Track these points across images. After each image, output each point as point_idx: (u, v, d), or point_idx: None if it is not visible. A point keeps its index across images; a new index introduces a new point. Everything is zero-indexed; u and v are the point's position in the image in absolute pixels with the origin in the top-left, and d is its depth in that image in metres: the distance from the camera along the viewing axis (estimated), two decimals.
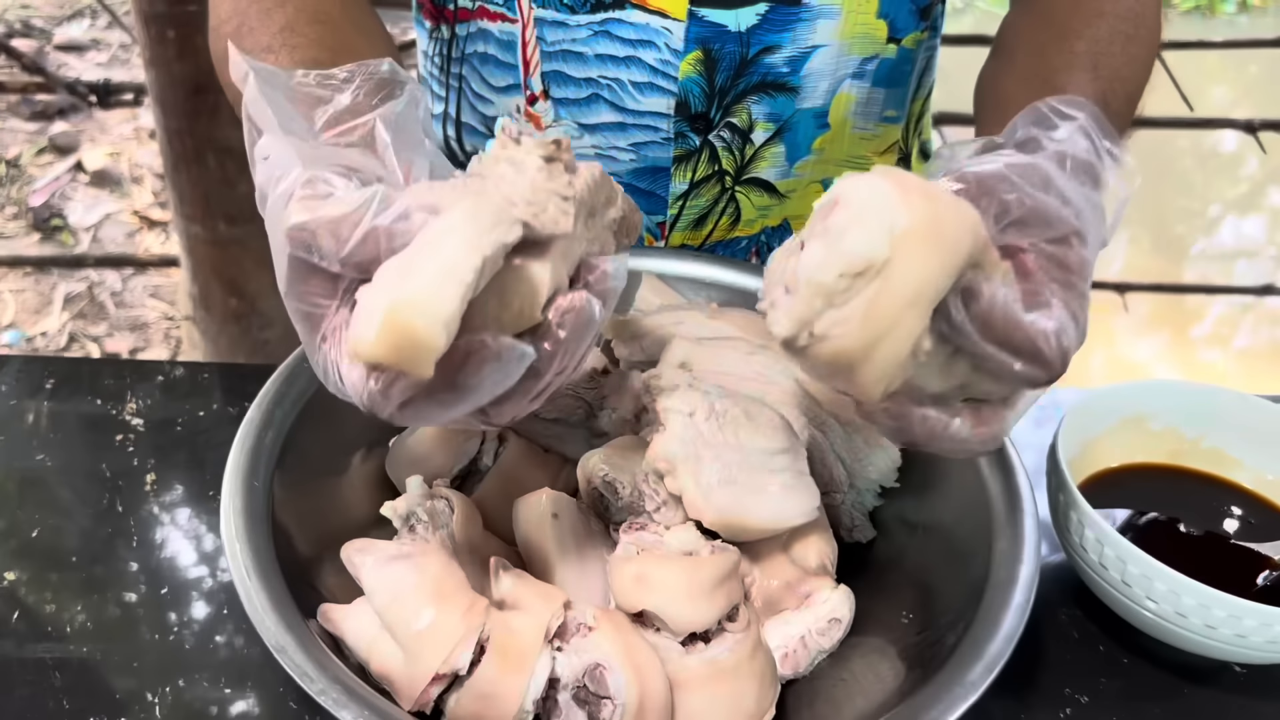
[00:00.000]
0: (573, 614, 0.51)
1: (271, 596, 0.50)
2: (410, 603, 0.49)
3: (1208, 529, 0.68)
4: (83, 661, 0.61)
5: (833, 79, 0.74)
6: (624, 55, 0.72)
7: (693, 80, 0.73)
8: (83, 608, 0.64)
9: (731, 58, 0.72)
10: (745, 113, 0.75)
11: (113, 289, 2.81)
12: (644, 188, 0.78)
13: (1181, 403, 0.71)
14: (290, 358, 0.61)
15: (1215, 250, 3.29)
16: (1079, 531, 0.62)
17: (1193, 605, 0.58)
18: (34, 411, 0.76)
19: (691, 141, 0.76)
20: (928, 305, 0.39)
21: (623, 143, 0.76)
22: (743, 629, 0.53)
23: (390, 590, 0.50)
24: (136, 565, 0.66)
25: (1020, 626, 0.51)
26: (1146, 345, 2.83)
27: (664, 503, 0.58)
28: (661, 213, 0.79)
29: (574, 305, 0.42)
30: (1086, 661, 0.65)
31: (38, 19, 3.78)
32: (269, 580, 0.51)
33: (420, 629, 0.49)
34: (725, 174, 0.78)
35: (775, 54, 0.72)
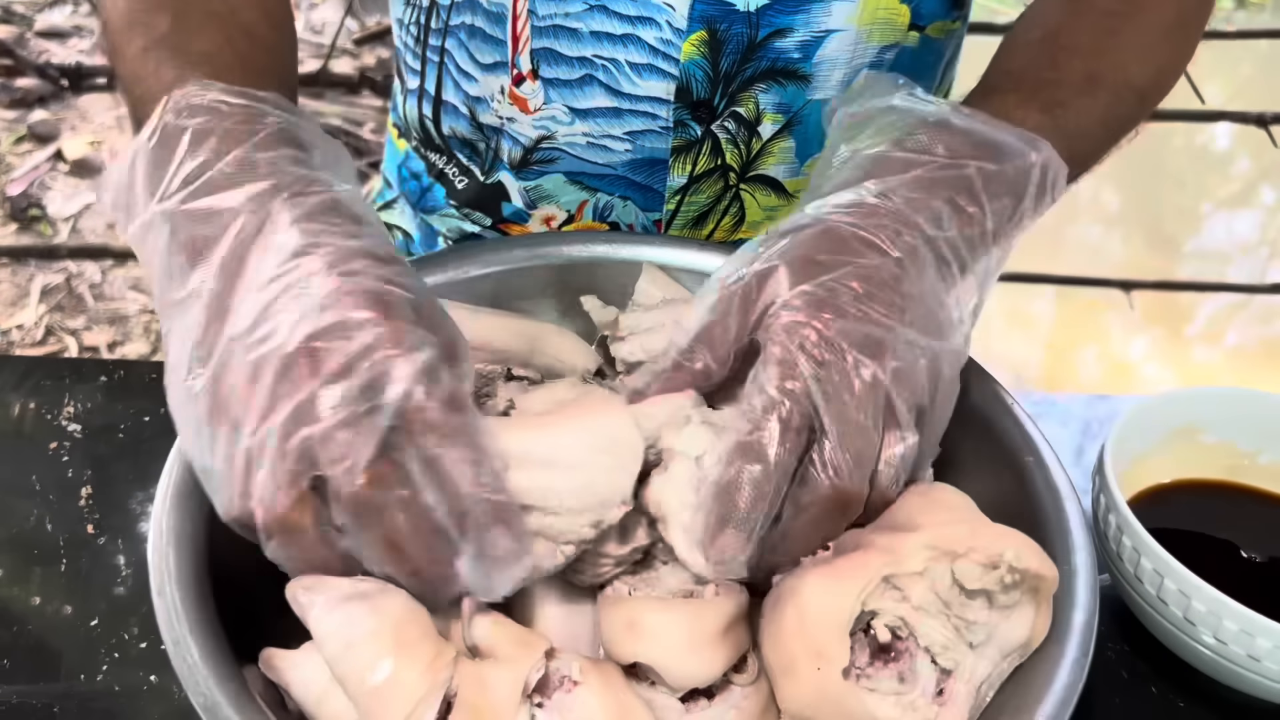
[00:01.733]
0: (555, 665, 0.43)
1: (206, 645, 0.42)
2: (366, 652, 0.41)
3: (1271, 554, 0.61)
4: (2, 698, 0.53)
5: (848, 68, 0.67)
6: (621, 33, 0.65)
7: (695, 63, 0.65)
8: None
9: (739, 40, 0.65)
10: (752, 102, 0.68)
11: (92, 281, 2.74)
12: (640, 181, 0.71)
13: (1235, 412, 0.64)
14: None
15: (1209, 248, 3.24)
16: (1133, 560, 0.55)
17: (1269, 648, 0.51)
18: None
19: (693, 131, 0.68)
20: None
21: (618, 130, 0.68)
22: (750, 682, 0.45)
23: (343, 637, 0.42)
24: (64, 590, 0.59)
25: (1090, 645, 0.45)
26: (1139, 343, 2.78)
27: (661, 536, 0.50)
28: (658, 209, 0.72)
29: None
30: (1138, 704, 0.58)
31: (19, 5, 3.70)
32: (204, 626, 0.43)
33: (376, 684, 0.41)
34: (729, 169, 0.71)
35: (786, 38, 0.65)
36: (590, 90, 0.67)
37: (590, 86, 0.67)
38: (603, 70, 0.66)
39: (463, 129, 0.74)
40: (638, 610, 0.44)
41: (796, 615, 0.43)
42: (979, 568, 0.43)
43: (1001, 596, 0.45)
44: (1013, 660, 0.45)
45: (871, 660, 0.44)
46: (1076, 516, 0.50)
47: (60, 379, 0.71)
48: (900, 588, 0.44)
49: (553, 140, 0.70)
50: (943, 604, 0.44)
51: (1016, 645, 0.45)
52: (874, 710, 0.42)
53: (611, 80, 0.67)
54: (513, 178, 0.73)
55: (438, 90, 0.74)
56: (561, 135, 0.69)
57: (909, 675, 0.44)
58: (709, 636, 0.43)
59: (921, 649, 0.44)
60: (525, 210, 0.74)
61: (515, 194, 0.74)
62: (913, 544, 0.44)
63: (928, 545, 0.44)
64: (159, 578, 0.44)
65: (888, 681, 0.43)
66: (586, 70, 0.67)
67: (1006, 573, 0.44)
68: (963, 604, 0.44)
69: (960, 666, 0.44)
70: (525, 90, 0.68)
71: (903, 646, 0.44)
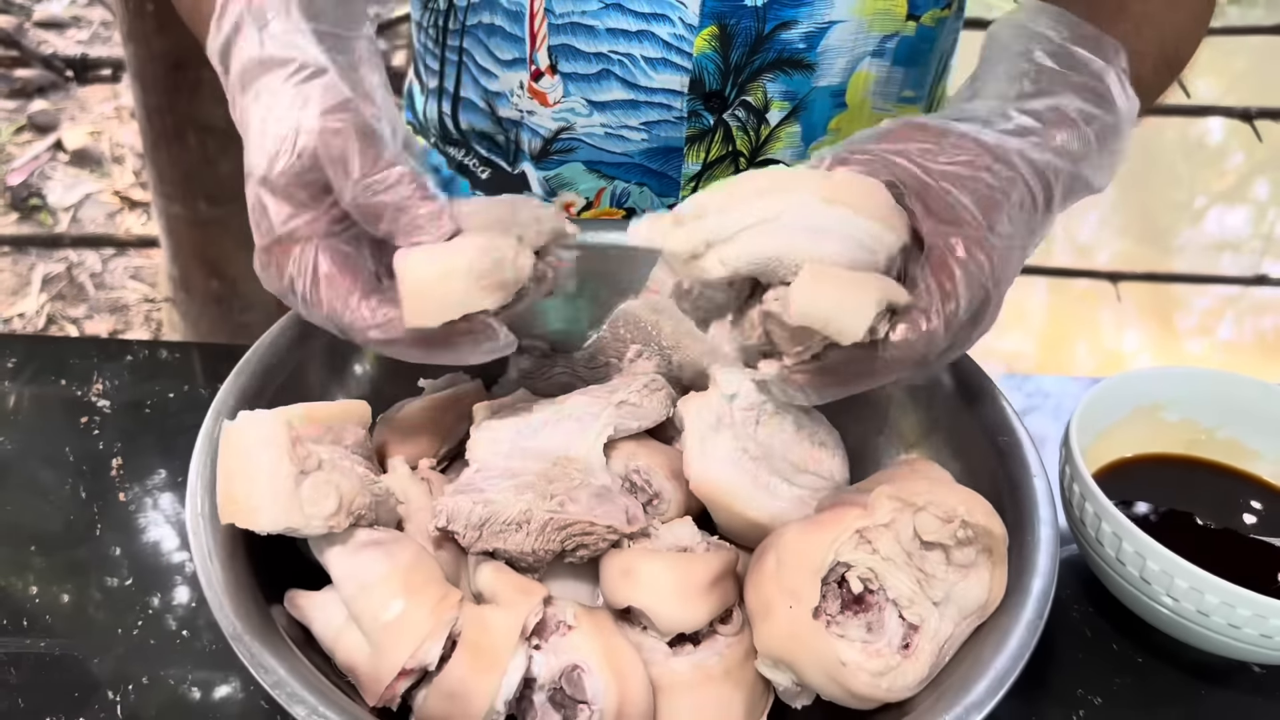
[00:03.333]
0: (553, 610, 0.47)
1: (233, 580, 0.47)
2: (379, 593, 0.46)
3: (1225, 523, 0.65)
4: (41, 655, 0.57)
5: (850, 56, 0.71)
6: (636, 29, 0.69)
7: (707, 57, 0.69)
8: (41, 600, 0.60)
9: (747, 33, 0.69)
10: (760, 91, 0.72)
11: (92, 270, 2.76)
12: (656, 168, 0.75)
13: (1197, 391, 0.68)
14: (267, 334, 0.57)
15: (1202, 242, 3.28)
16: (1095, 525, 0.59)
17: (1216, 604, 0.55)
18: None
19: (705, 121, 0.72)
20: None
21: (634, 121, 0.72)
22: (735, 633, 0.50)
23: (358, 579, 0.47)
24: (102, 552, 0.63)
25: (1033, 642, 0.48)
26: (1132, 336, 2.82)
27: (655, 496, 0.55)
28: (674, 194, 0.76)
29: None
30: (1100, 661, 0.62)
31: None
32: (233, 562, 0.48)
33: (388, 621, 0.46)
34: (740, 155, 0.75)
35: (792, 29, 0.69)
36: (607, 84, 0.71)
37: (607, 80, 0.71)
38: (619, 65, 0.70)
39: (481, 124, 0.78)
40: (633, 559, 0.48)
41: (775, 561, 0.48)
42: (936, 520, 0.48)
43: (957, 552, 0.49)
44: (971, 622, 0.49)
45: (843, 609, 0.48)
46: (1044, 494, 0.53)
47: (89, 359, 0.75)
48: (870, 540, 0.48)
49: (571, 131, 0.74)
50: (906, 555, 0.48)
51: (975, 607, 0.49)
52: (841, 653, 0.46)
53: (627, 74, 0.70)
54: (533, 167, 0.77)
55: (456, 87, 0.78)
56: (580, 126, 0.73)
57: (877, 626, 0.48)
58: (697, 587, 0.48)
59: (890, 602, 0.48)
60: (546, 198, 0.78)
61: (535, 183, 0.78)
62: (880, 495, 0.48)
63: (892, 496, 0.48)
64: (194, 521, 0.49)
65: (857, 630, 0.48)
66: (603, 65, 0.71)
67: (960, 527, 0.48)
68: (922, 556, 0.49)
69: (925, 624, 0.48)
70: (544, 85, 0.72)
71: (873, 600, 0.48)
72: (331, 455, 0.49)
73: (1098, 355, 2.65)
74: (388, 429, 0.57)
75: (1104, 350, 2.74)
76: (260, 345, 0.57)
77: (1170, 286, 2.88)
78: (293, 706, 0.42)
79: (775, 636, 0.47)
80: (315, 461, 0.47)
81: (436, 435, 0.58)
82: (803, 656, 0.46)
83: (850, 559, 0.48)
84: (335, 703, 0.43)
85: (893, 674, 0.47)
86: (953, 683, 0.47)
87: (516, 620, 0.46)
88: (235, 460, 0.46)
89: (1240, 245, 3.24)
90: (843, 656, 0.46)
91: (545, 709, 0.46)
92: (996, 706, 0.49)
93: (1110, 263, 2.89)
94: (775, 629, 0.47)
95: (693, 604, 0.48)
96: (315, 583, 0.50)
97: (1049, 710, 0.59)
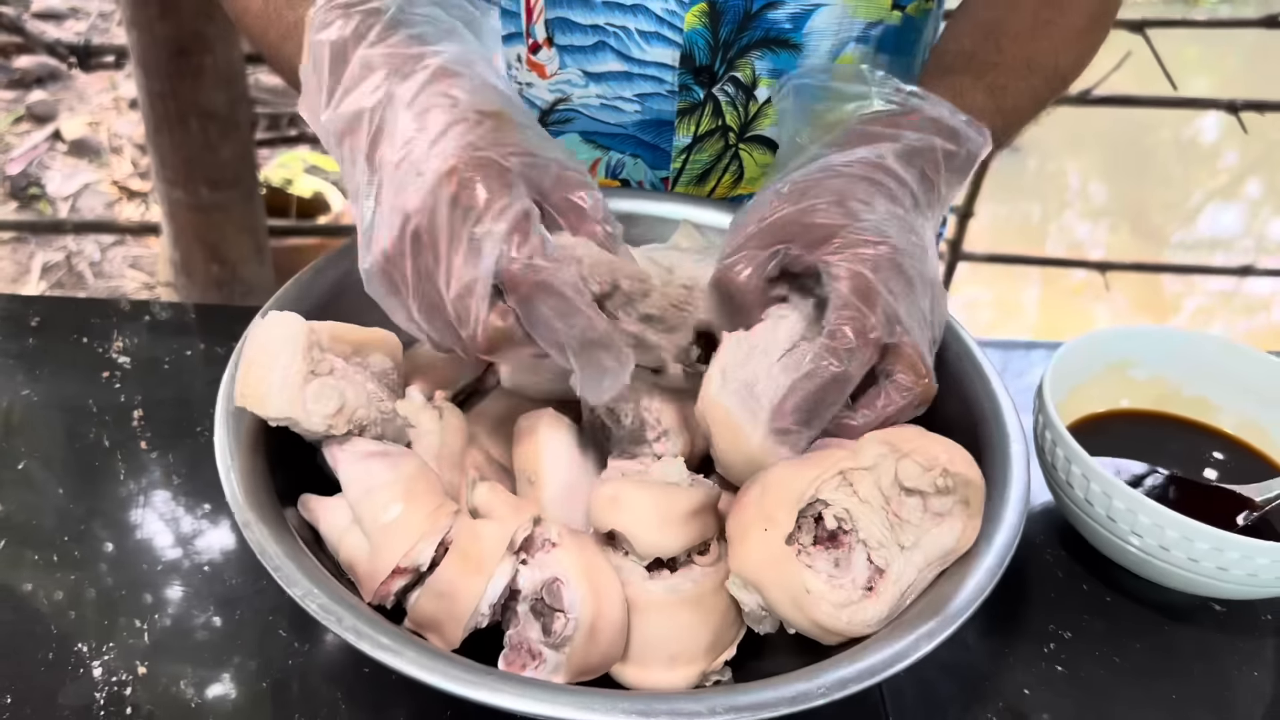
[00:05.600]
0: (540, 529, 0.51)
1: (249, 477, 0.51)
2: (381, 497, 0.50)
3: (1191, 472, 0.69)
4: (70, 589, 0.60)
5: (835, 39, 0.75)
6: (630, 3, 0.72)
7: (697, 32, 0.73)
8: (70, 537, 0.63)
9: (735, 11, 0.72)
10: (749, 68, 0.75)
11: (91, 259, 2.79)
12: (649, 140, 0.78)
13: (1166, 350, 0.72)
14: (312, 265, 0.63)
15: (1194, 239, 3.32)
16: (1066, 469, 0.63)
17: (1176, 538, 0.58)
18: (20, 348, 0.75)
19: (696, 94, 0.76)
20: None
21: (628, 93, 0.76)
22: (711, 563, 0.53)
23: (364, 483, 0.51)
24: (124, 498, 0.66)
25: (1007, 558, 0.51)
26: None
27: (664, 433, 0.58)
28: (665, 167, 0.80)
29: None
30: (1070, 600, 0.65)
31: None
32: (254, 461, 0.52)
33: (386, 522, 0.50)
34: (729, 130, 0.78)
35: (778, 10, 0.72)
36: (602, 55, 0.75)
37: (602, 52, 0.74)
38: (614, 37, 0.74)
39: None
40: (621, 488, 0.52)
41: (759, 490, 0.51)
42: (918, 467, 0.52)
43: (935, 500, 0.53)
44: (935, 568, 0.53)
45: (815, 543, 0.52)
46: (1020, 459, 0.56)
47: (108, 319, 0.78)
48: (852, 482, 0.51)
49: (568, 102, 0.77)
50: (884, 499, 0.52)
51: (940, 553, 0.52)
52: (807, 581, 0.50)
53: (622, 46, 0.74)
54: None
55: None
56: (576, 97, 0.77)
57: (844, 563, 0.51)
58: (677, 516, 0.51)
59: (860, 543, 0.52)
60: None
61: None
62: (868, 439, 0.52)
63: (880, 441, 0.52)
64: (221, 421, 0.53)
65: (825, 563, 0.51)
66: (599, 37, 0.74)
67: (940, 475, 0.52)
68: (900, 501, 0.52)
69: (890, 568, 0.51)
70: (542, 57, 0.75)
71: (845, 539, 0.52)
72: (346, 368, 0.53)
73: None
74: (410, 361, 0.61)
75: None
76: (309, 271, 0.62)
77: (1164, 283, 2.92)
78: (290, 588, 0.46)
79: (748, 558, 0.50)
80: (328, 367, 0.52)
81: (455, 370, 0.62)
82: (771, 579, 0.50)
83: (830, 498, 0.51)
84: (329, 588, 0.47)
85: (853, 608, 0.50)
86: (909, 617, 0.50)
87: (506, 532, 0.50)
88: (256, 351, 0.51)
89: (1232, 243, 3.28)
90: (808, 584, 0.50)
91: (526, 617, 0.50)
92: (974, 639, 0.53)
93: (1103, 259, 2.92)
94: (749, 551, 0.50)
95: (670, 531, 0.51)
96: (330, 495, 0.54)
97: (1021, 644, 0.63)
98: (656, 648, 0.52)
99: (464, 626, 0.49)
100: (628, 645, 0.51)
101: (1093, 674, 0.61)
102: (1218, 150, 3.61)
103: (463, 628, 0.49)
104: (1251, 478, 0.67)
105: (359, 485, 0.51)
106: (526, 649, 0.50)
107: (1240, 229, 3.38)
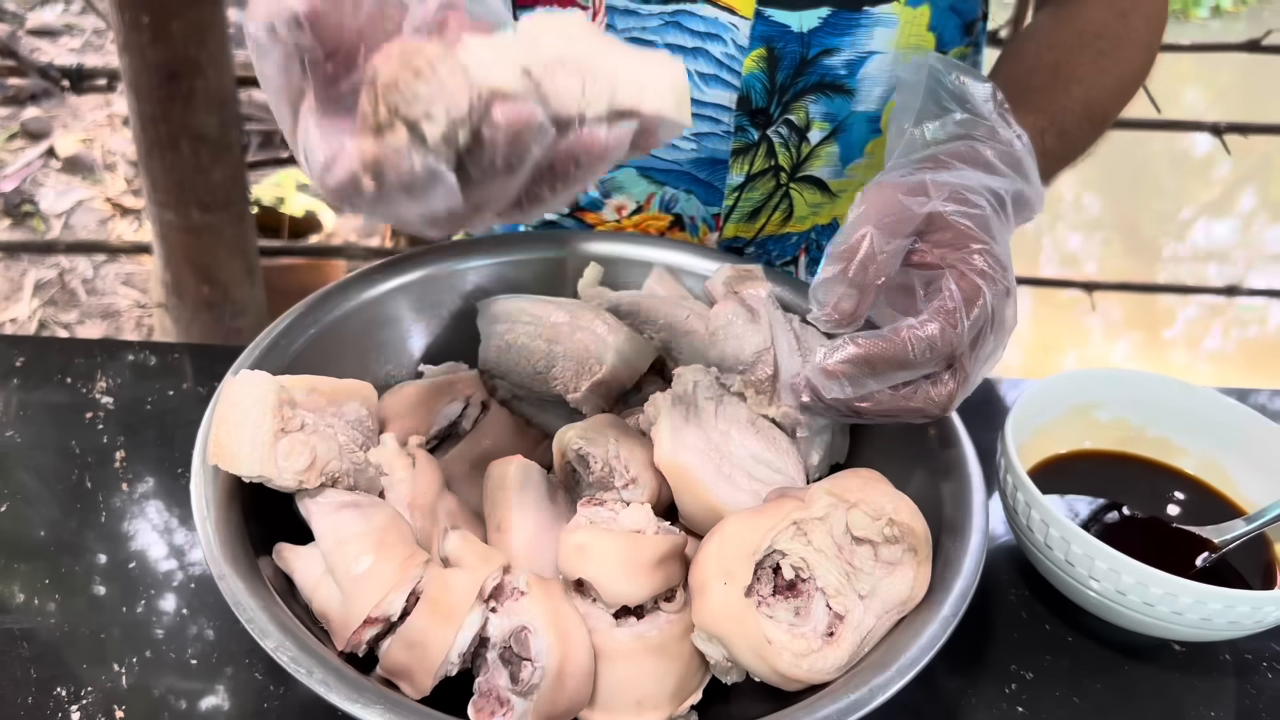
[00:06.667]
0: (509, 578, 0.53)
1: (225, 529, 0.53)
2: (352, 548, 0.52)
3: (1152, 513, 0.70)
4: (50, 632, 0.62)
5: (887, 85, 0.77)
6: (692, 46, 0.74)
7: (755, 76, 0.75)
8: (51, 580, 0.65)
9: (792, 57, 0.74)
10: (803, 111, 0.77)
11: (84, 276, 2.80)
12: (703, 178, 0.80)
13: (1129, 392, 0.73)
14: (286, 314, 0.64)
15: (1187, 253, 3.34)
16: (1026, 513, 0.64)
17: (1132, 583, 0.60)
18: (5, 388, 0.77)
19: (750, 135, 0.78)
20: None
21: (685, 132, 0.78)
22: (676, 610, 0.54)
23: (336, 535, 0.52)
24: (107, 538, 0.67)
25: (962, 608, 0.53)
26: (1119, 346, 2.87)
27: (631, 480, 0.59)
28: (717, 204, 0.81)
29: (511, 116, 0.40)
30: (1033, 640, 0.67)
31: (10, 2, 3.75)
32: (229, 514, 0.54)
33: (358, 573, 0.51)
34: (781, 170, 0.80)
35: (834, 56, 0.75)
36: None
37: None
38: None
39: None
40: (589, 537, 0.53)
41: (717, 543, 0.53)
42: (866, 517, 0.53)
43: (884, 549, 0.54)
44: (893, 616, 0.54)
45: (775, 593, 0.53)
46: (980, 506, 0.58)
47: (93, 358, 0.79)
48: (806, 532, 0.53)
49: None
50: (837, 548, 0.53)
51: (897, 602, 0.54)
52: (768, 632, 0.51)
53: None
54: None
55: None
56: None
57: (805, 611, 0.53)
58: (642, 565, 0.53)
59: (819, 590, 0.53)
60: (600, 199, 0.84)
61: (591, 184, 0.83)
62: (817, 490, 0.54)
63: (829, 492, 0.53)
64: (197, 474, 0.54)
65: (785, 613, 0.53)
66: None
67: (886, 525, 0.53)
68: (852, 550, 0.54)
69: (850, 614, 0.53)
70: None
71: (803, 588, 0.53)
72: (318, 422, 0.54)
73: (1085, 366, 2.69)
74: (384, 406, 0.63)
75: (1091, 360, 2.79)
76: (280, 323, 0.63)
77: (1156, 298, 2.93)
78: (263, 640, 0.48)
79: (710, 611, 0.52)
80: (298, 423, 0.53)
81: (429, 415, 0.63)
82: (733, 632, 0.51)
83: (786, 548, 0.53)
84: (301, 640, 0.48)
85: (814, 656, 0.52)
86: (866, 666, 0.52)
87: (475, 581, 0.51)
88: (228, 410, 0.52)
89: (1226, 255, 3.30)
90: (769, 635, 0.51)
91: (495, 664, 0.51)
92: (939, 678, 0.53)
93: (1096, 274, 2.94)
94: (710, 604, 0.52)
95: (637, 579, 0.52)
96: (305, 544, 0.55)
97: (985, 683, 0.64)
98: (623, 694, 0.53)
99: (434, 675, 0.51)
100: (595, 691, 0.53)
101: (1053, 714, 0.62)
102: (1211, 161, 3.63)
103: (433, 676, 0.51)
104: (1212, 518, 0.69)
105: (331, 537, 0.52)
106: (495, 696, 0.52)
107: (1234, 240, 3.41)
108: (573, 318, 0.65)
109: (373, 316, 0.67)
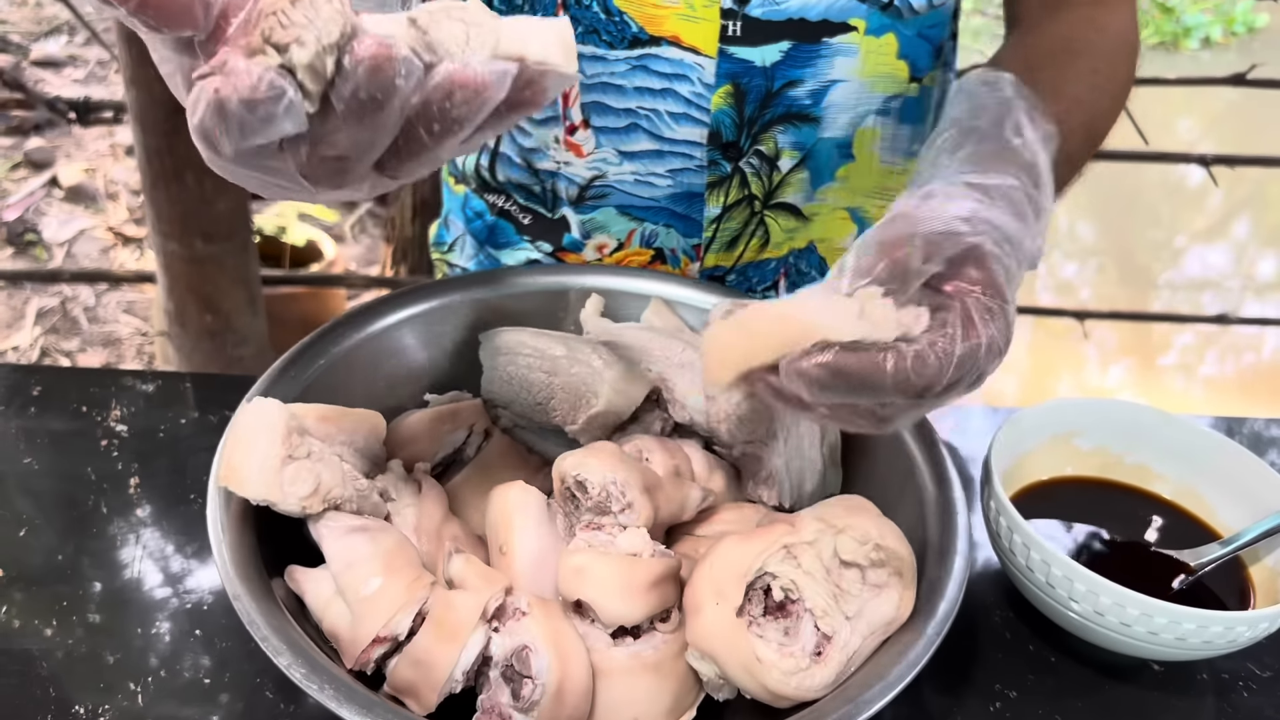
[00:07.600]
0: (511, 599, 0.55)
1: (239, 551, 0.55)
2: (362, 571, 0.54)
3: (1131, 537, 0.73)
4: (68, 652, 0.64)
5: (854, 112, 0.80)
6: (660, 88, 0.77)
7: (724, 112, 0.78)
8: (69, 602, 0.67)
9: (758, 90, 0.77)
10: (772, 141, 0.80)
11: (86, 304, 2.82)
12: (680, 211, 0.83)
13: (1109, 421, 0.76)
14: (297, 346, 0.66)
15: (1181, 281, 3.38)
16: (1009, 538, 0.67)
17: (1109, 605, 0.62)
18: (22, 417, 0.79)
19: (723, 168, 0.81)
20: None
21: (660, 169, 0.81)
22: (671, 630, 0.57)
23: (346, 557, 0.55)
24: (123, 562, 0.69)
25: (945, 629, 0.55)
26: (1114, 373, 2.90)
27: (628, 505, 0.62)
28: (697, 235, 0.84)
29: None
30: (1017, 660, 0.69)
31: (14, 34, 3.79)
32: (242, 537, 0.56)
33: (367, 594, 0.54)
34: (755, 199, 0.83)
35: (798, 87, 0.77)
36: (635, 136, 0.80)
37: (635, 133, 0.79)
38: (645, 119, 0.78)
39: (517, 176, 0.86)
40: (587, 559, 0.56)
41: (709, 566, 0.56)
42: (853, 542, 0.56)
43: (871, 573, 0.57)
44: (878, 636, 0.57)
45: (765, 614, 0.56)
46: (964, 531, 0.60)
47: (107, 388, 0.82)
48: (795, 555, 0.56)
49: (604, 179, 0.82)
50: (825, 571, 0.56)
51: (883, 622, 0.56)
52: (759, 650, 0.54)
53: (653, 127, 0.79)
54: (572, 212, 0.85)
55: (495, 144, 0.86)
56: (612, 174, 0.82)
57: (794, 631, 0.55)
58: (639, 587, 0.55)
59: (807, 611, 0.55)
60: (581, 240, 0.87)
61: (574, 226, 0.86)
62: (806, 516, 0.56)
63: (818, 518, 0.56)
64: (213, 499, 0.57)
65: (775, 632, 0.55)
66: (631, 119, 0.79)
67: (873, 549, 0.56)
68: (840, 573, 0.56)
69: (837, 635, 0.55)
70: (579, 138, 0.80)
71: (793, 609, 0.56)
72: (324, 450, 0.57)
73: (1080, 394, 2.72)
74: (392, 434, 0.65)
75: (1086, 388, 2.82)
76: (292, 353, 0.66)
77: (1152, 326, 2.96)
78: (276, 658, 0.50)
79: (703, 630, 0.54)
80: (305, 451, 0.56)
81: (434, 443, 0.66)
82: (724, 650, 0.54)
83: (776, 570, 0.55)
84: (312, 658, 0.51)
85: (803, 674, 0.54)
86: (853, 684, 0.54)
87: (479, 602, 0.54)
88: (239, 435, 0.55)
89: (1220, 283, 3.34)
90: (760, 654, 0.54)
91: (498, 682, 0.53)
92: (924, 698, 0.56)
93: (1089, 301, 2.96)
94: (703, 624, 0.54)
95: (633, 601, 0.55)
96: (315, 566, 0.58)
97: (969, 702, 0.66)
98: (621, 710, 0.56)
99: (439, 692, 0.53)
100: (593, 709, 0.55)
101: None
102: (1204, 191, 3.68)
103: (438, 693, 0.53)
104: (1188, 541, 0.71)
105: (341, 559, 0.55)
106: (498, 712, 0.54)
107: (1228, 269, 3.44)
108: (570, 351, 0.67)
109: (380, 347, 0.70)
